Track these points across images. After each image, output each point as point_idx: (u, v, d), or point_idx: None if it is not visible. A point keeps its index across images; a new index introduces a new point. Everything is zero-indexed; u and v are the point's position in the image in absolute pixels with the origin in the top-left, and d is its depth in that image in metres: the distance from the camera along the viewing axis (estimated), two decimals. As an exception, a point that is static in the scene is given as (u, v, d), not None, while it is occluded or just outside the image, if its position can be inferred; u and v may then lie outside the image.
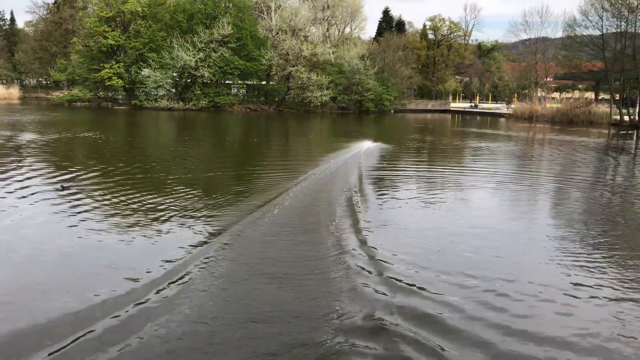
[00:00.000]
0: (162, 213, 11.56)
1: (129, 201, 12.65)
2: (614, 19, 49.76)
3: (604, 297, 7.49)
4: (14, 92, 73.62)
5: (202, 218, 11.17)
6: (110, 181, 15.35)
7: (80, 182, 14.83)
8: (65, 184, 13.27)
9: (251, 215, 11.31)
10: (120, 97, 63.03)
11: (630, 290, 7.80)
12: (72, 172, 16.61)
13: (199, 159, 21.89)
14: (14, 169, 16.93)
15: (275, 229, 10.38)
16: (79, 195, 13.04)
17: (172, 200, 12.83)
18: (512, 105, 70.33)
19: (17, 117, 40.63)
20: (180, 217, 11.23)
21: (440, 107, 79.35)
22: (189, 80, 60.44)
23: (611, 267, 8.77)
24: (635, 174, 21.22)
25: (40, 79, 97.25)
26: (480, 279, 7.98)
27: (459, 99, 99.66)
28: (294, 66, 63.38)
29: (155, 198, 13.05)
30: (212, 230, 10.18)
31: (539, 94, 67.56)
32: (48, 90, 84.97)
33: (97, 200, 12.64)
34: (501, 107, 75.03)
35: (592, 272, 8.47)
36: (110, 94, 61.93)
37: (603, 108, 56.29)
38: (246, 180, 16.71)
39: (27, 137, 26.87)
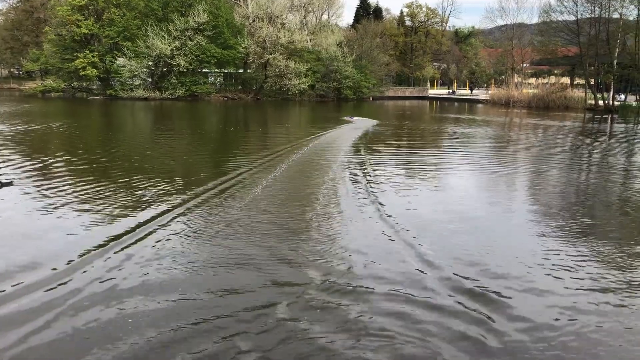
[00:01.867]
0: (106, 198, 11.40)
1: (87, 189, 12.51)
2: (588, 4, 50.23)
3: None
4: (-15, 82, 71.87)
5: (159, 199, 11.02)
6: (75, 170, 15.14)
7: (41, 172, 14.66)
8: (5, 180, 12.78)
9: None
10: (95, 87, 61.81)
11: (608, 269, 7.89)
12: (35, 162, 16.39)
13: (173, 147, 21.61)
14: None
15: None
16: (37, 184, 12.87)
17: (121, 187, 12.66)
18: (490, 91, 70.75)
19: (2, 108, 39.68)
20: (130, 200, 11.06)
21: (418, 93, 79.43)
22: (164, 69, 59.54)
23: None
24: (609, 157, 21.50)
25: (12, 70, 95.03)
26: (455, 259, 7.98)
27: (437, 86, 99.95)
28: (271, 54, 62.79)
29: (110, 185, 12.89)
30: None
31: (516, 80, 67.98)
32: (20, 80, 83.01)
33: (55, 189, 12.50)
34: (478, 94, 75.23)
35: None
36: (84, 84, 60.69)
37: (578, 93, 56.92)
38: (218, 164, 16.55)
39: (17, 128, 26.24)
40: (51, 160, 17.00)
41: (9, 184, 12.71)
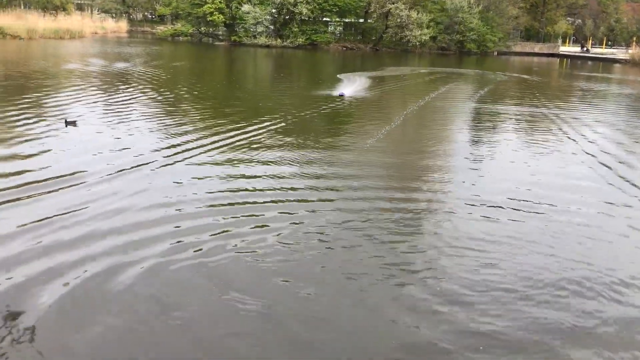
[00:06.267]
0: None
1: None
2: None
3: None
4: (123, 25, 76.59)
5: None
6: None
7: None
8: (70, 120, 13.23)
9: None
10: (220, 32, 64.12)
11: None
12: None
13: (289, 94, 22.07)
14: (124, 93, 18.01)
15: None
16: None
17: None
18: (630, 51, 64.59)
19: (129, 50, 42.56)
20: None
21: (548, 50, 74.21)
22: (287, 17, 60.27)
23: None
24: None
25: (146, 13, 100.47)
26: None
27: (569, 43, 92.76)
28: (393, 3, 61.19)
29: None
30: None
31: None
32: (153, 24, 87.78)
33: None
34: (616, 53, 68.96)
35: None
36: (211, 29, 63.12)
37: None
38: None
39: (138, 67, 28.19)
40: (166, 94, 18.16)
41: (73, 123, 13.12)
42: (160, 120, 14.81)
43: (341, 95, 20.42)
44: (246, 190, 8.92)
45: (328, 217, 7.83)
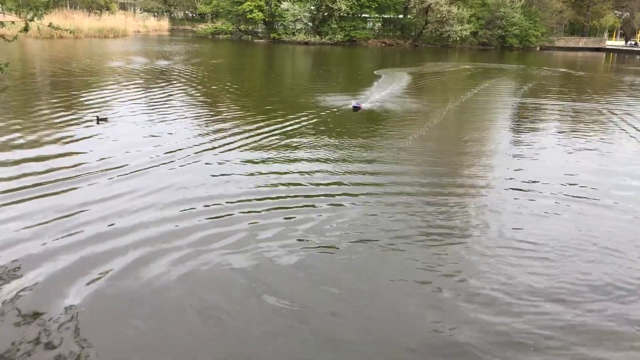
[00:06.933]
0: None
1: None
2: None
3: None
4: (164, 24, 77.89)
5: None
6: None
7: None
8: (101, 116, 13.44)
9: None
10: (259, 30, 64.53)
11: None
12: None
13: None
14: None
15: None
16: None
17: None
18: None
19: (170, 48, 43.24)
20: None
21: (593, 44, 72.02)
22: (325, 14, 60.23)
23: None
24: None
25: (187, 12, 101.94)
26: None
27: (615, 37, 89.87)
28: (434, -1, 60.46)
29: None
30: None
31: None
32: (194, 22, 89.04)
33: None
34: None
35: None
36: (250, 27, 63.60)
37: None
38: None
39: (178, 65, 28.57)
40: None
41: (105, 119, 13.31)
42: (197, 116, 14.92)
43: (356, 108, 16.19)
44: (279, 185, 8.90)
45: (365, 213, 7.73)
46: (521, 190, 9.02)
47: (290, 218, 7.48)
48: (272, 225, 7.19)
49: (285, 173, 9.55)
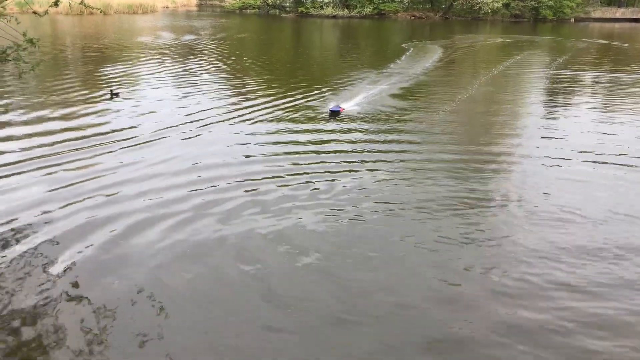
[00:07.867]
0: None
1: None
2: None
3: None
4: (192, -1, 77.79)
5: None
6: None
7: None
8: (115, 91, 13.67)
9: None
10: (287, 4, 63.93)
11: None
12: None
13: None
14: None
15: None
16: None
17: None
18: None
19: (198, 23, 43.26)
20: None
21: (631, 15, 69.31)
22: (354, -14, 59.37)
23: None
24: None
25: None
26: None
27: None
28: (465, -31, 58.99)
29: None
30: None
31: None
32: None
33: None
34: None
35: None
36: (278, 1, 63.05)
37: None
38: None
39: (205, 39, 28.56)
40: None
41: (117, 94, 13.56)
42: (221, 89, 15.05)
43: (334, 113, 12.01)
44: (302, 153, 9.06)
45: (394, 186, 7.68)
46: (557, 158, 8.85)
47: (315, 186, 7.60)
48: (300, 190, 7.45)
49: (315, 142, 9.69)
